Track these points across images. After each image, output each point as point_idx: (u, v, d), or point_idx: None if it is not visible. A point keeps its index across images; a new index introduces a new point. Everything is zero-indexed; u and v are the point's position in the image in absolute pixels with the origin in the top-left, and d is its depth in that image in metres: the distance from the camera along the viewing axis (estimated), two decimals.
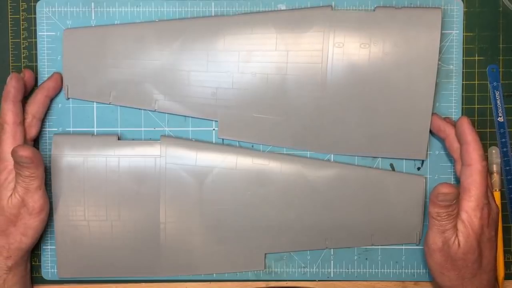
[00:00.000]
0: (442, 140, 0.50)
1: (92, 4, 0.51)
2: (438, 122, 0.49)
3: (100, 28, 0.50)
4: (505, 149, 0.51)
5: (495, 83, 0.51)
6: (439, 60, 0.49)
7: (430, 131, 0.50)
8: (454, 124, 0.49)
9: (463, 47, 0.51)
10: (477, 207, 0.46)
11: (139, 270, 0.51)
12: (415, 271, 0.52)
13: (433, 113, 0.49)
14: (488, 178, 0.47)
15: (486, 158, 0.47)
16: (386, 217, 0.50)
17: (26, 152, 0.45)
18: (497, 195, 0.50)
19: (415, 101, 0.49)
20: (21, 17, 0.51)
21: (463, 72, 0.51)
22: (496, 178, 0.50)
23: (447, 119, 0.50)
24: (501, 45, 0.51)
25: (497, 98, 0.51)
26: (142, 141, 0.50)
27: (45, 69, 0.51)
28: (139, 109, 0.51)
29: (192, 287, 0.52)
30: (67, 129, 0.51)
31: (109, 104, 0.51)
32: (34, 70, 0.51)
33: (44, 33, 0.51)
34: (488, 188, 0.47)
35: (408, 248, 0.51)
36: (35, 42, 0.51)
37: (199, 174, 0.50)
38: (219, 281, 0.52)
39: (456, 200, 0.45)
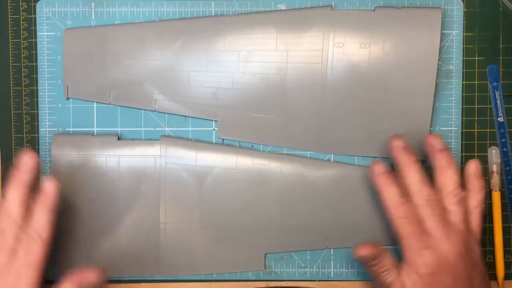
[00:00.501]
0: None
1: (92, 4, 0.51)
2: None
3: (100, 28, 0.50)
4: (505, 149, 0.51)
5: (495, 83, 0.51)
6: (439, 60, 0.49)
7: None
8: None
9: (463, 47, 0.51)
10: (411, 260, 0.44)
11: (139, 270, 0.51)
12: None
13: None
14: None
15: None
16: (386, 217, 0.50)
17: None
18: (497, 195, 0.50)
19: (415, 101, 0.49)
20: (21, 17, 0.51)
21: (463, 72, 0.51)
22: (496, 178, 0.50)
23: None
24: (501, 45, 0.51)
25: (497, 98, 0.51)
26: (142, 141, 0.50)
27: (45, 69, 0.51)
28: (139, 109, 0.51)
29: (192, 287, 0.52)
30: (67, 129, 0.51)
31: (109, 104, 0.51)
32: (34, 70, 0.51)
33: (44, 33, 0.51)
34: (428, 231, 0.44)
35: None
36: (35, 42, 0.51)
37: (199, 174, 0.50)
38: (219, 281, 0.52)
39: (379, 259, 0.44)
